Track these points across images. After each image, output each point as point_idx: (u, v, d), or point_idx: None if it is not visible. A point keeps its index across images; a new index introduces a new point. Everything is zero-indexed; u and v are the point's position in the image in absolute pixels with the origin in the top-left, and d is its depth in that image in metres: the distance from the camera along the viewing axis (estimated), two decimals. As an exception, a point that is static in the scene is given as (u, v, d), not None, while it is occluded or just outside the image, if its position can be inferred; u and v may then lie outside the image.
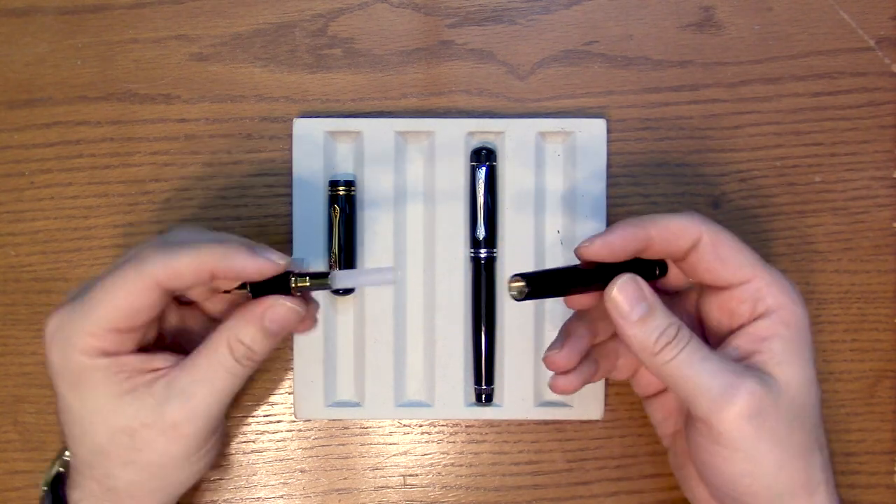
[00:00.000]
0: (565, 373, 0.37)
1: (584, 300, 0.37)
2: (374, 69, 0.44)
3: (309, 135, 0.43)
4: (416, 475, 0.44)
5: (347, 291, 0.43)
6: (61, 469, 0.38)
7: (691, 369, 0.33)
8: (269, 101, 0.44)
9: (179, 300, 0.39)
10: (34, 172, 0.44)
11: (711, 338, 0.37)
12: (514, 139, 0.43)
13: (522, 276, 0.34)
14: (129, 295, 0.33)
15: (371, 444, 0.44)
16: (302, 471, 0.44)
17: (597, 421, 0.44)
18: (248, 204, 0.44)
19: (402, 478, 0.44)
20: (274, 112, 0.44)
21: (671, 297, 0.38)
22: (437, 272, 0.44)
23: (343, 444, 0.44)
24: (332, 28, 0.44)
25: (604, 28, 0.45)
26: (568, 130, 0.44)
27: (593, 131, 0.44)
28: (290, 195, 0.44)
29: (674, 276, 0.38)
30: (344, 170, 0.44)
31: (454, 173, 0.43)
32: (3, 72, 0.44)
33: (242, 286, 0.35)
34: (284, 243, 0.44)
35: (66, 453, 0.38)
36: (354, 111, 0.44)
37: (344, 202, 0.43)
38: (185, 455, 0.35)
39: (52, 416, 0.44)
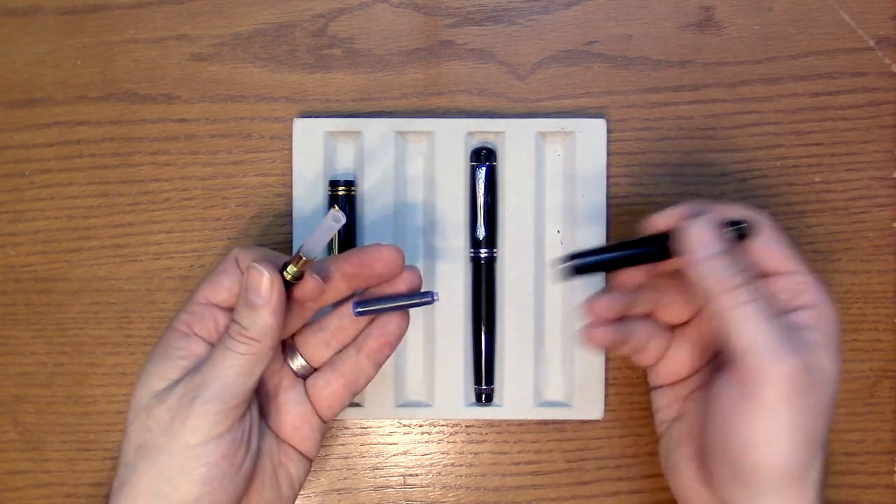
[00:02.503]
0: (601, 325, 0.38)
1: (630, 277, 0.39)
2: (374, 69, 0.44)
3: (309, 135, 0.43)
4: (416, 475, 0.44)
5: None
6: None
7: (758, 320, 0.33)
8: (269, 101, 0.44)
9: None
10: (34, 172, 0.44)
11: None
12: (514, 139, 0.43)
13: (573, 257, 0.36)
14: (215, 269, 0.37)
15: (371, 444, 0.44)
16: (302, 471, 0.44)
17: (597, 421, 0.44)
18: (248, 204, 0.44)
19: (402, 478, 0.44)
20: (274, 112, 0.44)
21: None
22: (437, 272, 0.44)
23: (343, 444, 0.44)
24: (332, 28, 0.44)
25: (604, 28, 0.45)
26: (568, 130, 0.44)
27: (593, 131, 0.44)
28: (290, 195, 0.44)
29: None
30: (344, 170, 0.44)
31: (454, 173, 0.43)
32: (3, 72, 0.44)
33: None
34: (284, 243, 0.44)
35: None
36: (354, 111, 0.44)
37: (344, 202, 0.43)
38: (210, 437, 0.33)
39: (52, 416, 0.44)
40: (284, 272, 0.35)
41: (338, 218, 0.33)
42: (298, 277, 0.35)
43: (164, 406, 0.34)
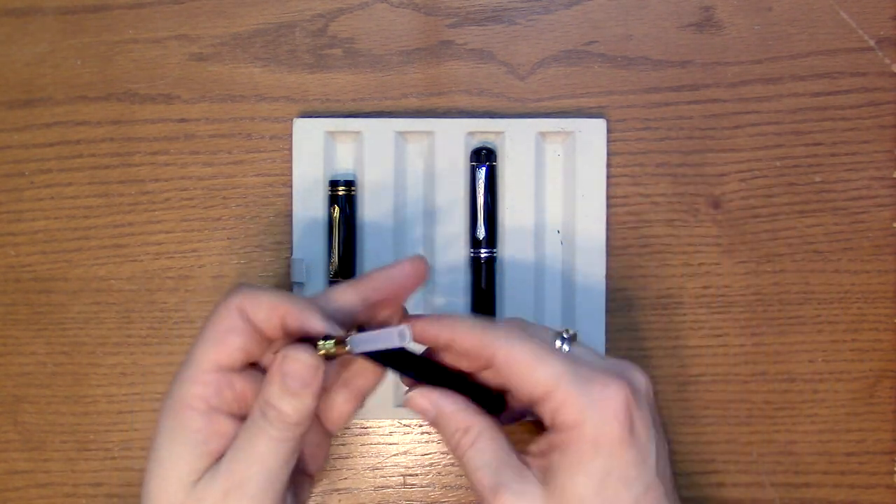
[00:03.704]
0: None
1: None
2: (374, 69, 0.44)
3: (309, 135, 0.43)
4: (416, 475, 0.44)
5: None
6: None
7: (468, 472, 0.35)
8: (269, 101, 0.44)
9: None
10: (34, 172, 0.44)
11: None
12: (514, 139, 0.43)
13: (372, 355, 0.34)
14: (216, 324, 0.33)
15: (371, 444, 0.44)
16: (302, 471, 0.44)
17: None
18: (248, 204, 0.44)
19: (402, 478, 0.44)
20: (274, 112, 0.44)
21: None
22: (437, 272, 0.44)
23: (343, 444, 0.44)
24: (332, 28, 0.44)
25: (604, 28, 0.45)
26: (568, 130, 0.44)
27: (593, 131, 0.44)
28: (290, 195, 0.44)
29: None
30: (344, 170, 0.44)
31: (454, 173, 0.43)
32: (3, 72, 0.44)
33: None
34: (284, 243, 0.44)
35: None
36: (354, 111, 0.44)
37: (344, 202, 0.43)
38: None
39: (53, 416, 0.44)
40: (319, 346, 0.32)
41: (404, 336, 0.31)
42: (331, 358, 0.33)
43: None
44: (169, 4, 0.44)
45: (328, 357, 0.32)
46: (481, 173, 0.43)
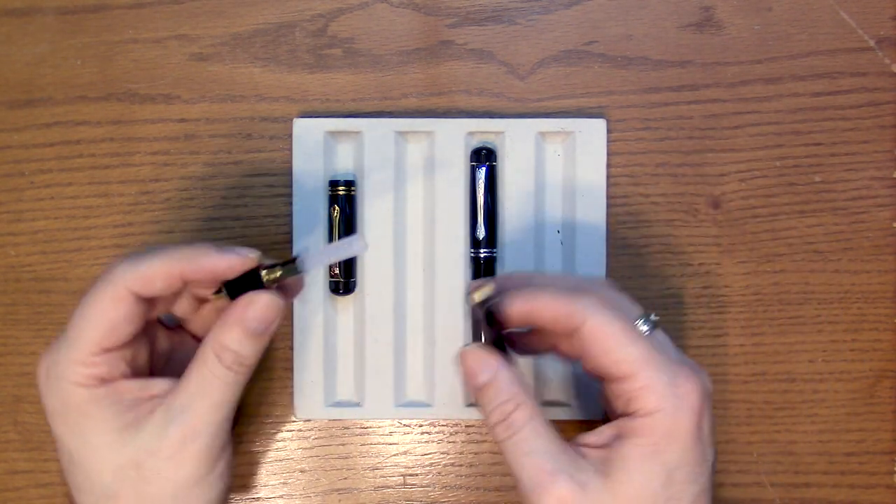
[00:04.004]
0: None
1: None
2: (374, 69, 0.44)
3: (309, 135, 0.43)
4: (416, 475, 0.44)
5: (347, 291, 0.43)
6: None
7: (514, 457, 0.33)
8: (269, 101, 0.44)
9: (167, 326, 0.38)
10: (34, 172, 0.44)
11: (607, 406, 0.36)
12: (514, 139, 0.43)
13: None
14: (104, 308, 0.32)
15: (371, 444, 0.44)
16: (302, 471, 0.44)
17: (597, 421, 0.44)
18: (248, 204, 0.44)
19: (402, 478, 0.44)
20: (274, 112, 0.44)
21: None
22: (437, 272, 0.44)
23: (343, 444, 0.44)
24: (332, 28, 0.44)
25: (604, 28, 0.45)
26: (568, 130, 0.44)
27: (593, 131, 0.44)
28: (290, 195, 0.44)
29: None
30: (344, 170, 0.44)
31: (454, 173, 0.43)
32: (3, 72, 0.44)
33: (219, 292, 0.34)
34: (284, 243, 0.44)
35: None
36: (354, 111, 0.44)
37: (344, 202, 0.43)
38: (197, 478, 0.33)
39: (52, 416, 0.44)
40: (263, 274, 0.33)
41: (362, 247, 0.32)
42: (275, 282, 0.33)
43: (158, 456, 0.32)
44: (169, 4, 0.44)
45: (272, 283, 0.33)
46: (481, 173, 0.43)
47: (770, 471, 0.44)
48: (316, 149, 0.43)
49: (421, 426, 0.44)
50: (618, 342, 0.33)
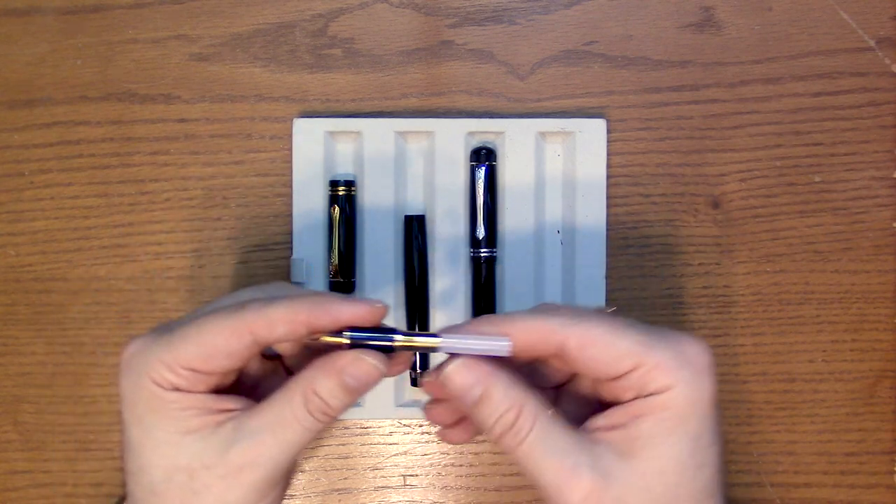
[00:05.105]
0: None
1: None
2: (374, 69, 0.44)
3: (309, 135, 0.43)
4: (416, 475, 0.44)
5: (347, 290, 0.43)
6: None
7: (531, 461, 0.31)
8: (269, 101, 0.44)
9: (265, 355, 0.36)
10: (34, 172, 0.44)
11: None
12: (514, 139, 0.43)
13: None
14: (220, 337, 0.31)
15: (371, 444, 0.44)
16: (302, 471, 0.44)
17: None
18: (248, 204, 0.44)
19: (402, 478, 0.44)
20: (274, 112, 0.44)
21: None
22: (437, 272, 0.44)
23: (343, 444, 0.44)
24: (332, 28, 0.44)
25: (604, 28, 0.45)
26: (568, 130, 0.44)
27: (593, 131, 0.44)
28: (290, 195, 0.44)
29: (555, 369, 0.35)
30: (344, 170, 0.44)
31: (454, 173, 0.43)
32: (3, 72, 0.44)
33: (338, 334, 0.32)
34: (284, 243, 0.44)
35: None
36: (354, 111, 0.44)
37: (344, 202, 0.43)
38: None
39: (53, 416, 0.44)
40: (398, 339, 0.32)
41: (506, 350, 0.31)
42: (406, 350, 0.32)
43: (212, 472, 0.31)
44: (169, 4, 0.44)
45: (386, 351, 0.31)
46: (481, 173, 0.43)
47: (770, 471, 0.44)
48: (316, 149, 0.43)
49: (421, 426, 0.44)
50: (609, 341, 0.32)
